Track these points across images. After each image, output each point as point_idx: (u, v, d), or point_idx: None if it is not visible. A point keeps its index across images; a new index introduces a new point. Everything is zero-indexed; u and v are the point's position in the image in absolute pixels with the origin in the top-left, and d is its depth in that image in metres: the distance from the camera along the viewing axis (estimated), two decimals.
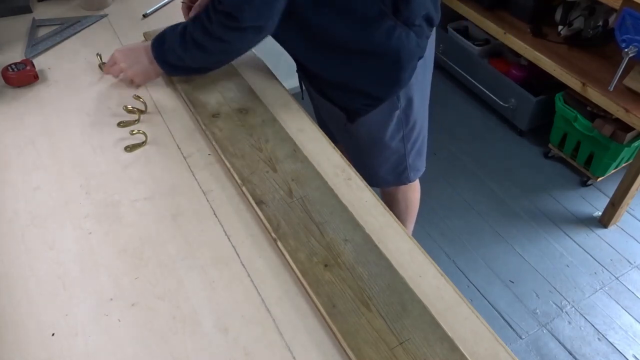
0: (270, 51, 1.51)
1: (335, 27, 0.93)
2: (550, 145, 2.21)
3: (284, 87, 1.12)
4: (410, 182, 1.29)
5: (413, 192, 1.41)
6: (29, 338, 0.70)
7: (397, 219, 0.85)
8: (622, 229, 1.97)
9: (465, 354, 0.66)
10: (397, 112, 1.09)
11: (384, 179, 1.26)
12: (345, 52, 0.98)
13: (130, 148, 0.96)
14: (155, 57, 1.02)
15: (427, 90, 1.17)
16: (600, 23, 1.92)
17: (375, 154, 1.19)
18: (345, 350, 0.67)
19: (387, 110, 1.08)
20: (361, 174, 0.92)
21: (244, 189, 0.87)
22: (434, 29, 1.06)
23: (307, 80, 1.13)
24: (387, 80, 1.02)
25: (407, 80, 1.04)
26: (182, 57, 0.99)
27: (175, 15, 1.33)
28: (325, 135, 1.00)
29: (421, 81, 1.10)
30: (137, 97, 1.03)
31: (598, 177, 2.06)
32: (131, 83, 1.09)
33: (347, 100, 1.07)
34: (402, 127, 1.13)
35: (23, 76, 1.10)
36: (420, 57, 1.03)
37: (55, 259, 0.79)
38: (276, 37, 1.01)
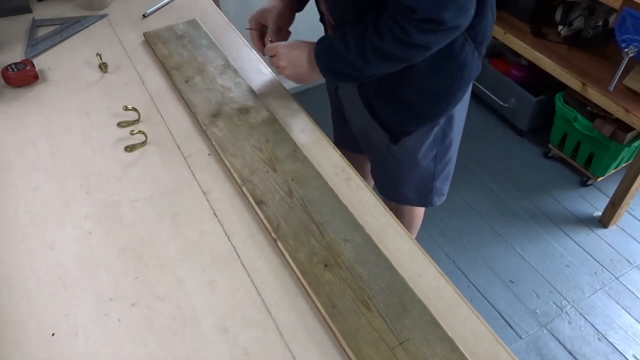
0: None
1: None
2: (550, 145, 2.21)
3: (284, 87, 1.12)
4: (432, 206, 1.25)
5: (419, 211, 1.39)
6: (29, 338, 0.70)
7: (397, 219, 0.85)
8: (622, 229, 1.97)
9: (465, 354, 0.66)
10: (436, 130, 1.07)
11: (406, 197, 1.22)
12: (418, 63, 0.93)
13: (130, 148, 0.96)
14: (321, 67, 0.95)
15: (466, 111, 1.13)
16: (600, 23, 1.92)
17: (403, 171, 1.16)
18: (345, 350, 0.67)
19: (427, 127, 1.06)
20: (383, 188, 0.90)
21: (244, 189, 0.87)
22: None
23: (359, 95, 1.07)
24: (446, 97, 1.00)
25: (460, 100, 1.03)
26: (359, 66, 0.91)
27: (176, 15, 1.33)
28: (325, 135, 1.00)
29: (464, 102, 1.08)
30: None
31: (598, 177, 2.06)
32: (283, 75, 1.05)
33: (395, 118, 1.04)
34: (437, 145, 1.10)
35: (23, 76, 1.10)
36: (476, 77, 1.02)
37: (55, 259, 0.79)
38: None
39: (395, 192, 1.21)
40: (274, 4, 1.07)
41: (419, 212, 1.40)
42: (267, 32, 1.06)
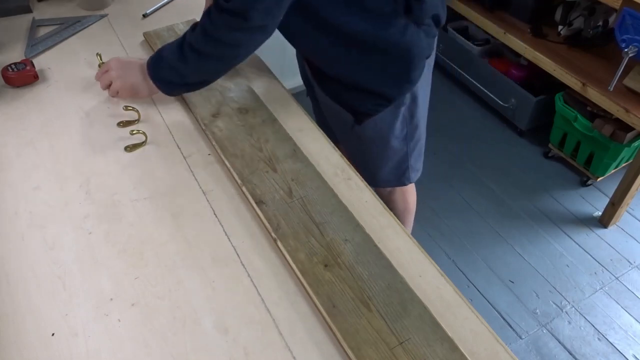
0: (270, 51, 1.51)
1: (349, 22, 0.93)
2: (550, 145, 2.21)
3: (284, 87, 1.12)
4: (410, 182, 1.29)
5: (410, 194, 1.41)
6: (29, 338, 0.70)
7: (397, 219, 0.85)
8: (622, 229, 1.97)
9: (465, 354, 0.66)
10: (402, 110, 1.09)
11: (385, 179, 1.26)
12: (360, 50, 0.97)
13: (130, 148, 0.96)
14: (151, 76, 0.99)
15: (429, 89, 1.17)
16: (600, 23, 1.92)
17: (378, 154, 1.19)
18: (345, 350, 0.67)
19: (393, 109, 1.08)
20: (362, 175, 0.92)
21: (244, 189, 0.87)
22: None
23: (315, 79, 1.11)
24: (399, 79, 1.02)
25: (417, 79, 1.04)
26: (181, 71, 0.96)
27: (176, 15, 1.33)
28: (325, 135, 1.00)
29: (425, 80, 1.10)
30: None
31: (598, 177, 2.06)
32: (115, 94, 1.05)
33: (357, 101, 1.07)
34: (406, 125, 1.13)
35: (23, 76, 1.10)
36: (428, 56, 1.04)
37: (55, 259, 0.79)
38: (288, 36, 1.02)
39: (373, 177, 1.23)
40: None
41: (411, 199, 1.42)
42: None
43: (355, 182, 0.91)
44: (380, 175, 1.24)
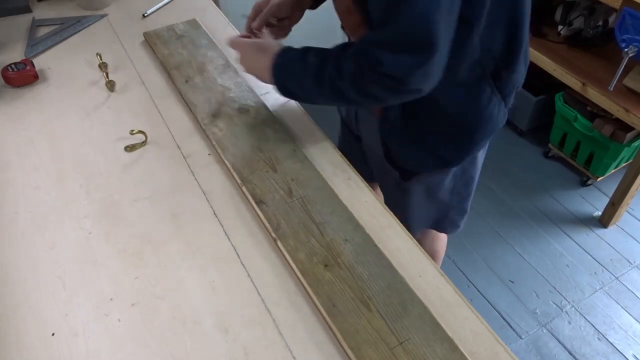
0: None
1: (438, 89, 0.79)
2: (550, 145, 2.21)
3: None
4: (445, 233, 1.19)
5: (440, 242, 1.35)
6: (29, 338, 0.70)
7: (396, 219, 0.85)
8: (622, 229, 1.97)
9: (465, 354, 0.66)
10: (455, 168, 1.03)
11: (417, 224, 1.16)
12: (439, 115, 0.90)
13: (130, 148, 0.96)
14: (275, 78, 0.88)
15: (486, 148, 1.08)
16: (600, 23, 1.92)
17: (417, 203, 1.10)
18: (345, 350, 0.67)
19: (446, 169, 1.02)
20: (392, 211, 0.87)
21: (244, 189, 0.87)
22: None
23: (379, 132, 1.00)
24: (468, 146, 0.95)
25: (483, 147, 0.99)
26: (311, 93, 0.86)
27: (176, 15, 1.33)
28: (325, 135, 1.00)
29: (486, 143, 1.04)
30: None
31: (598, 177, 2.06)
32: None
33: (412, 160, 0.99)
34: (456, 180, 1.06)
35: (23, 76, 1.10)
36: (501, 126, 0.97)
37: (55, 259, 0.79)
38: None
39: (407, 219, 1.11)
40: None
41: (440, 247, 1.36)
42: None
43: (355, 182, 0.91)
44: (415, 220, 1.15)
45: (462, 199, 1.12)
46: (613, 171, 2.07)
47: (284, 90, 0.89)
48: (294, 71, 0.86)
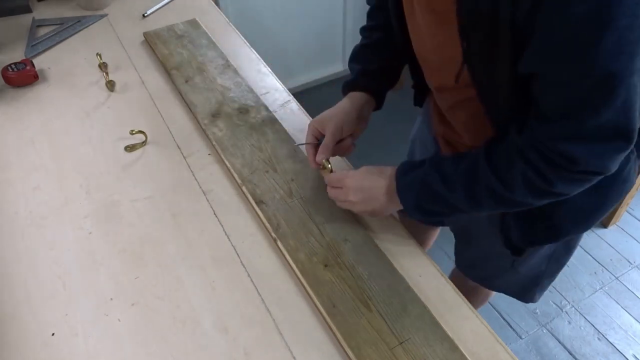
0: (270, 51, 1.51)
1: None
2: None
3: (283, 87, 1.12)
4: (532, 302, 1.06)
5: (492, 293, 1.26)
6: (29, 338, 0.70)
7: (397, 218, 0.85)
8: (622, 229, 1.97)
9: (465, 354, 0.66)
10: None
11: (502, 286, 1.06)
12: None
13: (130, 148, 0.96)
14: (406, 205, 0.76)
15: None
16: None
17: (509, 266, 0.97)
18: (345, 350, 0.67)
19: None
20: (474, 273, 0.82)
21: (244, 189, 0.87)
22: None
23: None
24: (598, 214, 0.82)
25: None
26: (461, 206, 0.73)
27: (176, 15, 1.33)
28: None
29: None
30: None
31: None
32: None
33: (530, 235, 0.84)
34: (556, 245, 0.93)
35: (23, 76, 1.10)
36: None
37: (55, 259, 0.79)
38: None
39: (492, 280, 1.06)
40: (337, 111, 0.86)
41: (492, 293, 1.27)
42: (321, 145, 0.84)
43: None
44: (499, 283, 1.05)
45: (560, 265, 0.98)
46: None
47: (419, 211, 0.76)
48: (431, 188, 0.72)
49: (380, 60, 0.89)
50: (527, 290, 1.03)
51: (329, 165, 0.84)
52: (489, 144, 0.70)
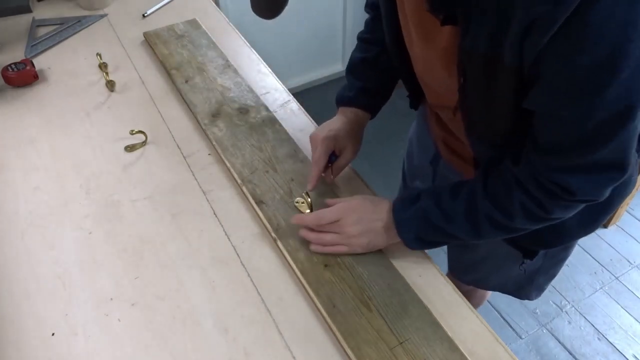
0: (270, 51, 1.51)
1: None
2: None
3: (283, 87, 1.12)
4: (529, 299, 1.08)
5: (489, 293, 1.29)
6: (29, 338, 0.70)
7: None
8: (622, 229, 1.97)
9: (465, 353, 0.66)
10: None
11: (499, 285, 1.07)
12: None
13: (130, 148, 0.96)
14: (405, 239, 0.75)
15: None
16: None
17: (505, 264, 0.99)
18: (345, 350, 0.67)
19: None
20: (469, 275, 0.82)
21: (244, 189, 0.87)
22: None
23: None
24: (603, 216, 0.83)
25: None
26: (461, 236, 0.73)
27: (176, 15, 1.33)
28: None
29: None
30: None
31: None
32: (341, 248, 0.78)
33: (540, 239, 0.85)
34: None
35: (23, 76, 1.10)
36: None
37: (55, 259, 0.79)
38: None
39: (487, 279, 1.07)
40: (348, 128, 0.85)
41: (489, 293, 1.30)
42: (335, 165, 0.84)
43: (356, 183, 0.91)
44: (497, 281, 1.06)
45: (557, 262, 0.99)
46: None
47: (419, 243, 0.76)
48: (430, 221, 0.73)
49: (381, 78, 0.90)
50: (523, 287, 1.04)
51: (309, 200, 0.79)
52: (485, 174, 0.71)
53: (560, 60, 0.52)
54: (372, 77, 0.90)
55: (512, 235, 0.75)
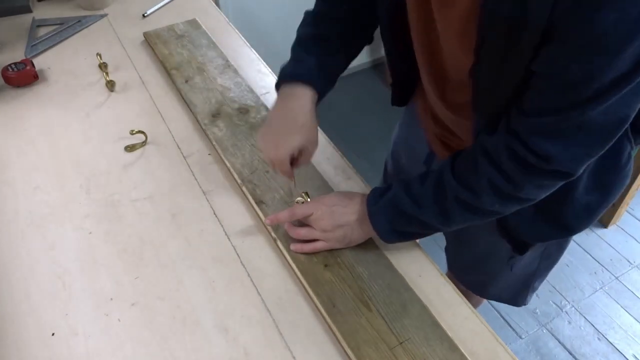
0: (270, 51, 1.51)
1: None
2: None
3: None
4: (524, 305, 1.06)
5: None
6: (29, 338, 0.70)
7: None
8: (622, 229, 1.97)
9: (465, 353, 0.66)
10: None
11: (495, 294, 1.06)
12: (577, 181, 0.72)
13: (130, 148, 0.96)
14: (380, 231, 0.74)
15: None
16: None
17: (501, 269, 0.98)
18: (345, 350, 0.67)
19: None
20: (468, 281, 0.81)
21: (244, 189, 0.87)
22: None
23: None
24: (599, 210, 0.81)
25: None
26: (434, 224, 0.72)
27: (176, 15, 1.33)
28: (325, 134, 1.00)
29: None
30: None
31: None
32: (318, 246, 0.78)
33: (532, 232, 0.83)
34: (548, 245, 0.93)
35: (23, 76, 1.10)
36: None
37: (55, 259, 0.79)
38: None
39: (484, 288, 1.05)
40: (305, 120, 0.79)
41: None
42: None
43: (355, 182, 0.91)
44: (493, 290, 1.04)
45: (550, 263, 0.97)
46: None
47: (394, 235, 0.75)
48: (402, 211, 0.72)
49: (344, 57, 0.85)
50: (519, 293, 1.03)
51: (309, 200, 0.80)
52: (455, 154, 0.70)
53: (586, 15, 0.49)
54: (332, 54, 0.83)
55: (483, 219, 0.71)
